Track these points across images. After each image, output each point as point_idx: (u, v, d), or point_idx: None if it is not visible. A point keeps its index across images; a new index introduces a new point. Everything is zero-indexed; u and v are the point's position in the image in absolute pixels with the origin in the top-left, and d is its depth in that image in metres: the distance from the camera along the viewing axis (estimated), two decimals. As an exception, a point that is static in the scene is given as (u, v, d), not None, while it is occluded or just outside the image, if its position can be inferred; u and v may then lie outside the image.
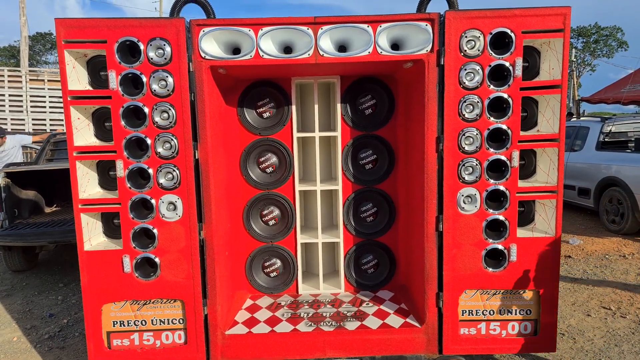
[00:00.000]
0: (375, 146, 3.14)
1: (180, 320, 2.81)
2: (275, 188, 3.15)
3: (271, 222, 3.22)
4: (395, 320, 2.87)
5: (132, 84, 2.60)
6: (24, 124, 14.50)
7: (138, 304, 2.80)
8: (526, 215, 2.88)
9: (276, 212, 3.20)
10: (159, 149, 2.62)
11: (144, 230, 2.72)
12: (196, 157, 2.64)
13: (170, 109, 2.57)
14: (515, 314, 2.82)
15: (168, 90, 2.55)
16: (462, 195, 2.68)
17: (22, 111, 14.57)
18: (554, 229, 2.72)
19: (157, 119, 2.59)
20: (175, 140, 2.61)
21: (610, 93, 12.26)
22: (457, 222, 2.70)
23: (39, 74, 15.41)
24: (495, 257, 2.77)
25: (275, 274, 3.26)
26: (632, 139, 7.26)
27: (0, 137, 6.72)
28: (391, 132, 3.14)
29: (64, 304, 4.69)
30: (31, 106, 14.69)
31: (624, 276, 5.00)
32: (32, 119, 14.68)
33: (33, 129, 14.16)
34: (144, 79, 2.54)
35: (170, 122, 2.59)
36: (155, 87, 2.55)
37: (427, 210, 2.70)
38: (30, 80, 14.79)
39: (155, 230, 2.69)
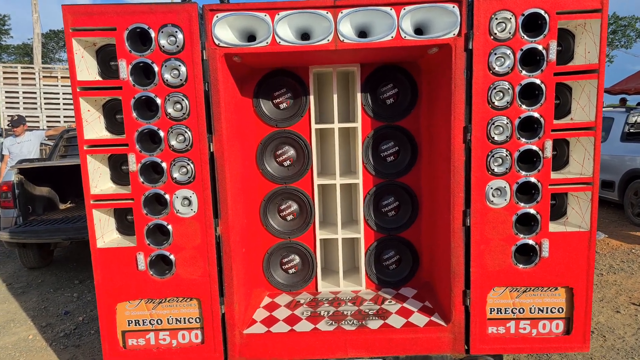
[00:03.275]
0: (397, 137, 3.00)
1: (197, 319, 2.71)
2: (293, 182, 3.03)
3: (289, 218, 3.10)
4: (419, 319, 2.74)
5: (144, 73, 2.49)
6: (38, 121, 14.56)
7: (153, 303, 2.71)
8: (558, 209, 2.73)
9: (294, 207, 3.08)
10: (173, 142, 2.51)
11: (158, 227, 2.62)
12: (211, 150, 2.53)
13: (183, 100, 2.46)
14: (547, 312, 2.68)
15: (181, 79, 2.44)
16: (491, 188, 2.53)
17: (36, 108, 14.63)
18: (589, 223, 2.56)
19: (170, 110, 2.48)
20: (189, 133, 2.50)
21: (632, 83, 11.92)
22: (486, 217, 2.56)
23: (52, 70, 15.45)
24: (526, 253, 2.62)
25: (293, 270, 3.15)
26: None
27: (16, 126, 6.62)
28: (414, 123, 3.00)
29: (80, 302, 4.64)
30: (45, 103, 14.74)
31: (653, 271, 4.81)
32: (47, 116, 14.74)
33: (47, 126, 14.23)
34: (156, 68, 2.43)
35: (184, 114, 2.48)
36: (167, 76, 2.44)
37: (453, 204, 2.56)
38: (44, 77, 14.83)
39: (169, 227, 2.59)
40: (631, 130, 6.93)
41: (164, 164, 2.53)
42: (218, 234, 2.61)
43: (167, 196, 2.57)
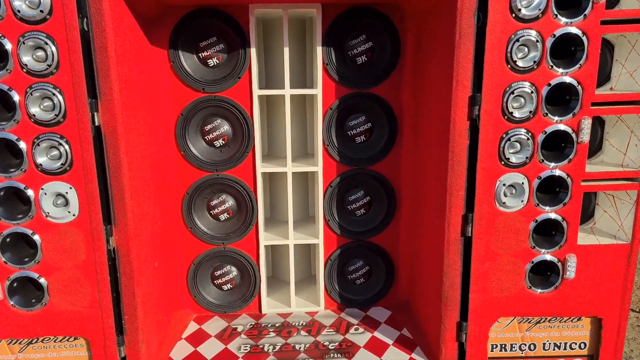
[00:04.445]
0: (370, 110, 2.21)
1: (86, 365, 1.90)
2: (229, 169, 2.20)
3: (223, 217, 2.28)
4: (396, 355, 2.03)
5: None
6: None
7: (20, 344, 1.87)
8: (583, 211, 2.04)
9: (230, 202, 2.26)
10: (34, 109, 1.64)
11: (20, 237, 1.76)
12: (96, 124, 1.67)
13: (47, 44, 1.58)
14: (565, 349, 2.02)
15: (42, 10, 1.55)
16: (504, 185, 1.81)
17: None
18: (629, 234, 1.88)
19: (25, 58, 1.60)
20: (59, 97, 1.63)
21: None
22: (494, 224, 1.84)
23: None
24: (543, 273, 1.94)
25: (229, 287, 2.35)
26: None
27: None
28: (394, 90, 2.20)
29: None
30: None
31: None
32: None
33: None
34: (-3, -9, 1.53)
35: (49, 66, 1.60)
36: (18, 3, 1.55)
37: (450, 205, 1.82)
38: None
39: (36, 237, 1.74)
40: None
41: (22, 143, 1.67)
42: (112, 247, 1.78)
43: (30, 192, 1.71)
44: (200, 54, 2.11)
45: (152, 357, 1.96)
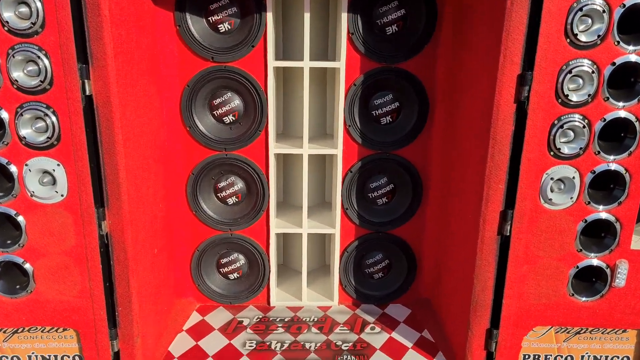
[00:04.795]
0: (399, 87, 1.97)
1: (77, 358, 1.74)
2: (239, 148, 1.99)
3: (231, 200, 2.08)
4: (416, 362, 1.84)
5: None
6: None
7: (5, 333, 1.71)
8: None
9: (239, 184, 2.06)
10: (16, 74, 1.43)
11: (4, 218, 1.59)
12: (87, 93, 1.46)
13: (30, -2, 1.37)
14: (606, 363, 1.81)
15: (23, -43, 1.34)
16: (551, 179, 1.58)
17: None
18: (693, 238, 1.65)
19: (7, 15, 1.39)
20: (45, 60, 1.42)
21: None
22: (536, 222, 1.62)
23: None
24: (587, 279, 1.71)
25: (236, 276, 2.17)
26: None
27: None
28: (427, 65, 1.95)
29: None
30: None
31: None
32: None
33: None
34: None
35: (33, 24, 1.39)
36: (-5, -51, 1.33)
37: (487, 200, 1.60)
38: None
39: (20, 218, 1.56)
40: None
41: (3, 113, 1.47)
42: (105, 232, 1.59)
43: (13, 167, 1.52)
44: (210, 18, 1.87)
45: (148, 352, 1.80)
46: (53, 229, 1.57)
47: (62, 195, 1.54)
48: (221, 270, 2.16)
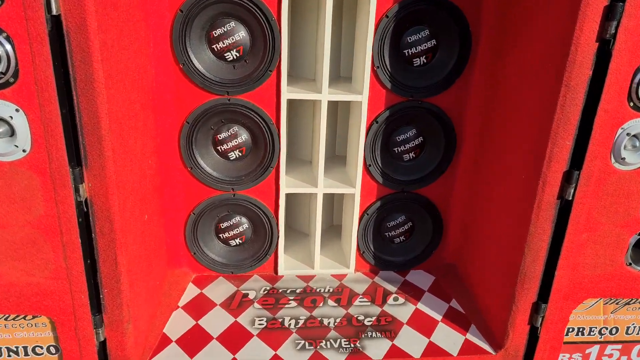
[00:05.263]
0: (436, 22, 1.64)
1: (52, 348, 1.43)
2: (244, 92, 1.63)
3: (233, 155, 1.75)
4: (449, 337, 1.63)
5: None
6: None
7: (-42, 321, 1.37)
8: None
9: (243, 136, 1.72)
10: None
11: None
12: (54, 12, 1.07)
13: None
14: (652, 334, 1.67)
15: None
16: (627, 134, 1.33)
17: None
18: None
19: None
20: (-9, -40, 1.01)
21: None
22: (604, 185, 1.39)
23: None
24: (645, 246, 1.53)
25: (238, 241, 1.87)
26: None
27: None
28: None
29: None
30: None
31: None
32: None
33: None
34: None
35: None
36: None
37: (550, 158, 1.35)
38: None
39: (-31, 181, 1.19)
40: None
41: None
42: (84, 198, 1.25)
43: (-47, 113, 1.13)
44: None
45: (140, 337, 1.51)
46: (13, 194, 1.21)
47: (23, 151, 1.17)
48: (221, 235, 1.85)
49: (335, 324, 1.67)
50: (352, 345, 1.58)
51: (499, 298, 1.62)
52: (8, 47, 1.07)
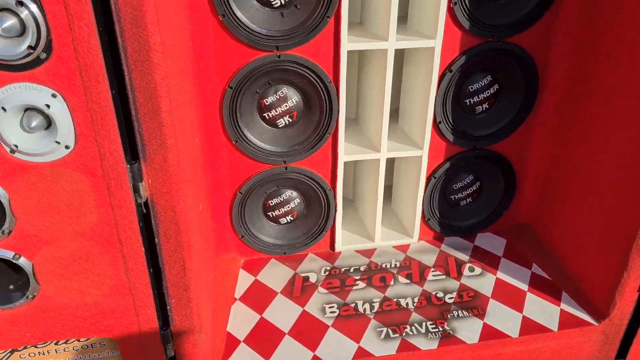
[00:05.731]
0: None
1: (111, 367, 1.22)
2: (295, 46, 1.35)
3: (282, 122, 1.48)
4: (541, 309, 1.49)
5: None
6: None
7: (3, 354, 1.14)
8: None
9: (294, 99, 1.45)
10: None
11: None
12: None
13: None
14: None
15: None
16: None
17: None
18: None
19: None
20: None
21: None
22: None
23: None
24: None
25: (289, 219, 1.65)
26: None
27: None
28: None
29: None
30: None
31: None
32: None
33: None
34: None
35: None
36: None
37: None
38: None
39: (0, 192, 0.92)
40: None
41: None
42: (145, 198, 0.99)
43: (-34, 105, 0.84)
44: None
45: (207, 343, 1.31)
46: (58, 203, 0.95)
47: (66, 147, 0.90)
48: (270, 214, 1.63)
49: (415, 304, 1.50)
50: (441, 329, 1.42)
51: (600, 262, 1.47)
52: (34, 7, 0.77)
